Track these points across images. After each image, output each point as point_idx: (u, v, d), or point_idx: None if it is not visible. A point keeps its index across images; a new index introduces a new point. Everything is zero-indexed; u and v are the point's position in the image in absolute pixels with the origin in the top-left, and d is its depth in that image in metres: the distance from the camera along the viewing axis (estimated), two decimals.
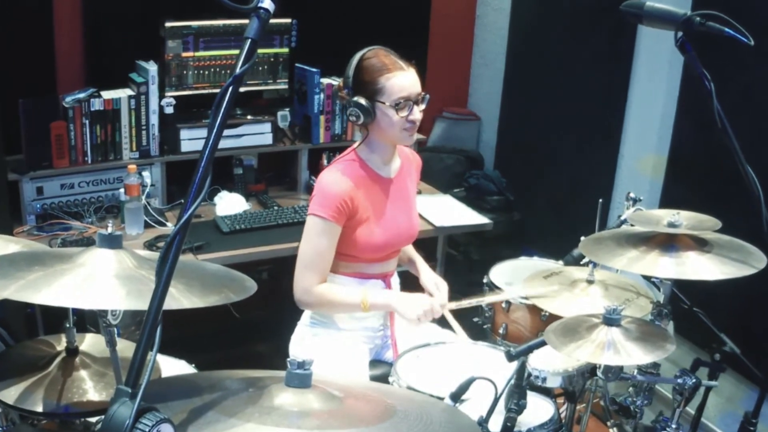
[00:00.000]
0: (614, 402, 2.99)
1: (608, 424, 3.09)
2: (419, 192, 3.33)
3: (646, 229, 2.72)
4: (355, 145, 3.08)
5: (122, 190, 3.90)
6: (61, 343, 2.27)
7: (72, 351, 2.23)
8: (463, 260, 5.21)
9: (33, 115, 3.88)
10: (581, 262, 3.19)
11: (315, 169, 4.63)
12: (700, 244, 2.63)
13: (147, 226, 3.97)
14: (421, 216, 3.56)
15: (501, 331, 3.36)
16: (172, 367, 2.82)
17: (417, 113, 2.93)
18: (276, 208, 4.31)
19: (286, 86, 4.64)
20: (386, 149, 3.06)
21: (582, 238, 2.88)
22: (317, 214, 2.89)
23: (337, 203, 2.87)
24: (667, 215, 2.68)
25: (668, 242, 2.63)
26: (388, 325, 3.20)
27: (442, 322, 3.21)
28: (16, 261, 1.94)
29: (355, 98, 2.91)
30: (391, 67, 2.91)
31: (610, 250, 2.70)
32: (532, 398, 2.55)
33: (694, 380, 2.60)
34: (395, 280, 3.25)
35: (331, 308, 3.07)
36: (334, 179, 2.93)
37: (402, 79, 2.90)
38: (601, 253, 2.71)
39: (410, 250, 3.39)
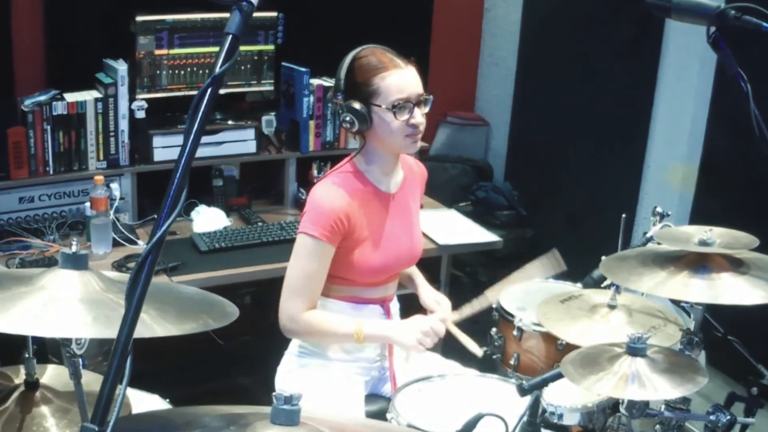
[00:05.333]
0: None
1: None
2: (421, 206, 3.33)
3: (675, 247, 2.72)
4: (352, 155, 3.08)
5: (88, 204, 3.90)
6: (20, 376, 2.26)
7: (31, 384, 2.22)
8: (469, 282, 5.22)
9: None
10: (602, 285, 3.19)
11: (303, 180, 4.63)
12: (735, 265, 2.63)
13: (116, 244, 3.96)
14: (423, 233, 3.57)
15: (512, 361, 3.36)
16: (143, 402, 2.82)
17: (419, 116, 2.92)
18: (260, 224, 4.32)
19: (271, 88, 4.65)
20: (387, 160, 3.05)
21: (603, 258, 2.88)
22: (308, 233, 2.89)
23: (332, 222, 2.87)
24: (698, 232, 2.68)
25: (699, 262, 2.63)
26: (386, 356, 3.20)
27: (446, 350, 3.22)
28: None
29: (348, 102, 2.92)
30: (387, 65, 2.90)
31: (635, 270, 2.70)
32: None
33: (728, 417, 2.60)
34: (395, 306, 3.26)
35: (320, 338, 3.06)
36: (329, 194, 2.92)
37: (399, 78, 2.90)
38: (625, 274, 2.71)
39: (410, 268, 3.39)
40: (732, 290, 2.52)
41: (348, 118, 2.92)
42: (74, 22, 4.31)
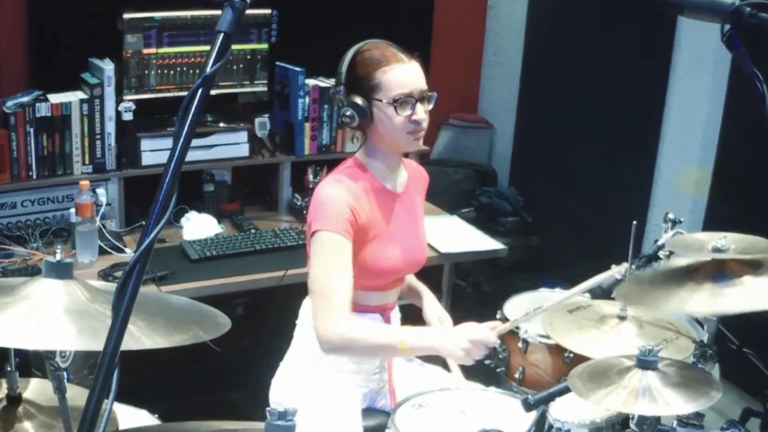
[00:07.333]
0: None
1: None
2: None
3: (689, 256, 2.70)
4: (355, 152, 3.09)
5: (73, 211, 3.90)
6: (2, 390, 2.26)
7: (14, 399, 2.22)
8: (472, 292, 5.22)
9: None
10: (612, 295, 3.19)
11: (299, 185, 4.63)
12: (753, 267, 2.61)
13: (102, 252, 3.96)
14: None
15: (517, 375, 3.35)
16: (131, 417, 2.82)
17: (421, 113, 2.93)
18: (253, 231, 4.32)
19: (265, 88, 4.66)
20: (390, 158, 3.06)
21: (616, 289, 2.85)
22: (324, 229, 2.84)
23: (346, 216, 2.85)
24: (712, 239, 2.67)
25: (718, 271, 2.62)
26: (386, 368, 3.20)
27: (447, 365, 3.22)
28: None
29: (349, 97, 2.93)
30: (390, 59, 2.91)
31: (654, 294, 2.68)
32: None
33: None
34: (395, 315, 3.25)
35: (362, 352, 3.01)
36: (337, 190, 2.91)
37: (401, 73, 2.91)
38: (646, 300, 2.69)
39: (412, 279, 3.39)
40: (760, 291, 2.49)
41: (348, 113, 2.93)
42: (58, 20, 4.31)
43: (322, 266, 2.87)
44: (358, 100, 2.91)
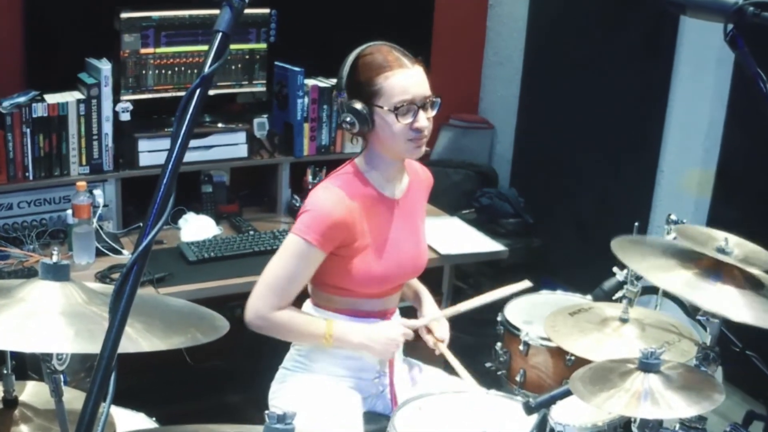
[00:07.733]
0: None
1: None
2: None
3: (693, 247, 2.70)
4: (354, 157, 3.08)
5: (70, 212, 3.89)
6: None
7: (10, 402, 2.22)
8: (473, 294, 5.19)
9: None
10: (614, 297, 3.19)
11: (297, 186, 4.63)
12: (749, 283, 2.61)
13: (99, 254, 3.95)
14: None
15: (518, 378, 3.36)
16: (128, 421, 2.81)
17: (423, 120, 2.90)
18: (251, 232, 4.31)
19: (263, 89, 4.65)
20: (390, 164, 3.04)
21: (613, 240, 2.86)
22: (300, 235, 2.88)
23: (327, 227, 2.86)
24: (719, 236, 2.67)
25: (713, 268, 2.62)
26: (386, 372, 3.20)
27: (448, 367, 3.22)
28: None
29: (350, 102, 2.92)
30: (392, 64, 2.89)
31: (646, 256, 2.71)
32: None
33: None
34: (396, 319, 3.24)
35: (286, 336, 3.07)
36: (330, 199, 2.91)
37: (403, 78, 2.88)
38: (633, 255, 2.72)
39: (415, 283, 3.38)
40: (737, 305, 2.51)
41: (348, 119, 2.91)
42: (55, 19, 4.31)
43: (281, 266, 2.96)
44: (359, 106, 2.89)
